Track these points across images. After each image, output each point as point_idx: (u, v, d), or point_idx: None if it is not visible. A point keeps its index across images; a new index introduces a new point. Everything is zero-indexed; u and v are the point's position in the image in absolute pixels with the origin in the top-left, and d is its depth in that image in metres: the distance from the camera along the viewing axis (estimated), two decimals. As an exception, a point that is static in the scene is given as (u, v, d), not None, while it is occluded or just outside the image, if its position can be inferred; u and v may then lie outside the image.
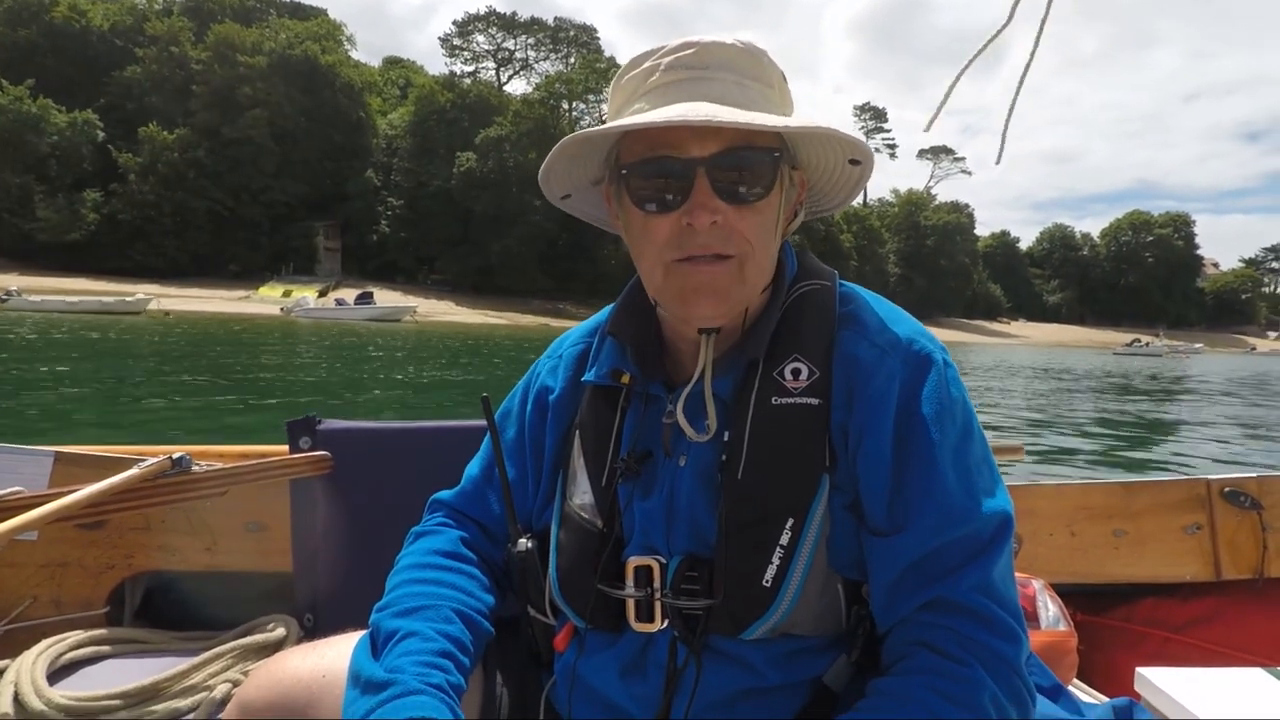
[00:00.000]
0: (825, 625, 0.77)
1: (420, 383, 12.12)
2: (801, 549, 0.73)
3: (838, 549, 0.76)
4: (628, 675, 0.80)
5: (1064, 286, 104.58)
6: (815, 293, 0.81)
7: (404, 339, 25.52)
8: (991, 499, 0.73)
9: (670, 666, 0.77)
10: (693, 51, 0.75)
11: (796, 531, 0.73)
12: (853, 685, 0.76)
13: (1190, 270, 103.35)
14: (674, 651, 0.77)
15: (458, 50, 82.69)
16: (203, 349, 16.74)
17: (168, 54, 57.29)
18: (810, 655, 0.77)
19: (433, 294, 60.91)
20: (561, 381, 0.92)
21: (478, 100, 67.91)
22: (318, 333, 27.08)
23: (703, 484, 0.77)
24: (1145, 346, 66.98)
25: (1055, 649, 1.46)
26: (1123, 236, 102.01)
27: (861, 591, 0.77)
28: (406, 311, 46.21)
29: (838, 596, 0.77)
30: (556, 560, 0.84)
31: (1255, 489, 1.78)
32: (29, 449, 1.47)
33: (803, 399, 0.75)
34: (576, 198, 0.86)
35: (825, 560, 0.75)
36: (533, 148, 64.22)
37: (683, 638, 0.76)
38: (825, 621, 0.77)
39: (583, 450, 0.86)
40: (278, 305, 47.12)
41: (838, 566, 0.76)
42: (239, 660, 1.29)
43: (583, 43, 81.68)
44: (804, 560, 0.73)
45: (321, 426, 1.50)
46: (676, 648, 0.77)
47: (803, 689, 0.76)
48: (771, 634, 0.75)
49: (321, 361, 15.43)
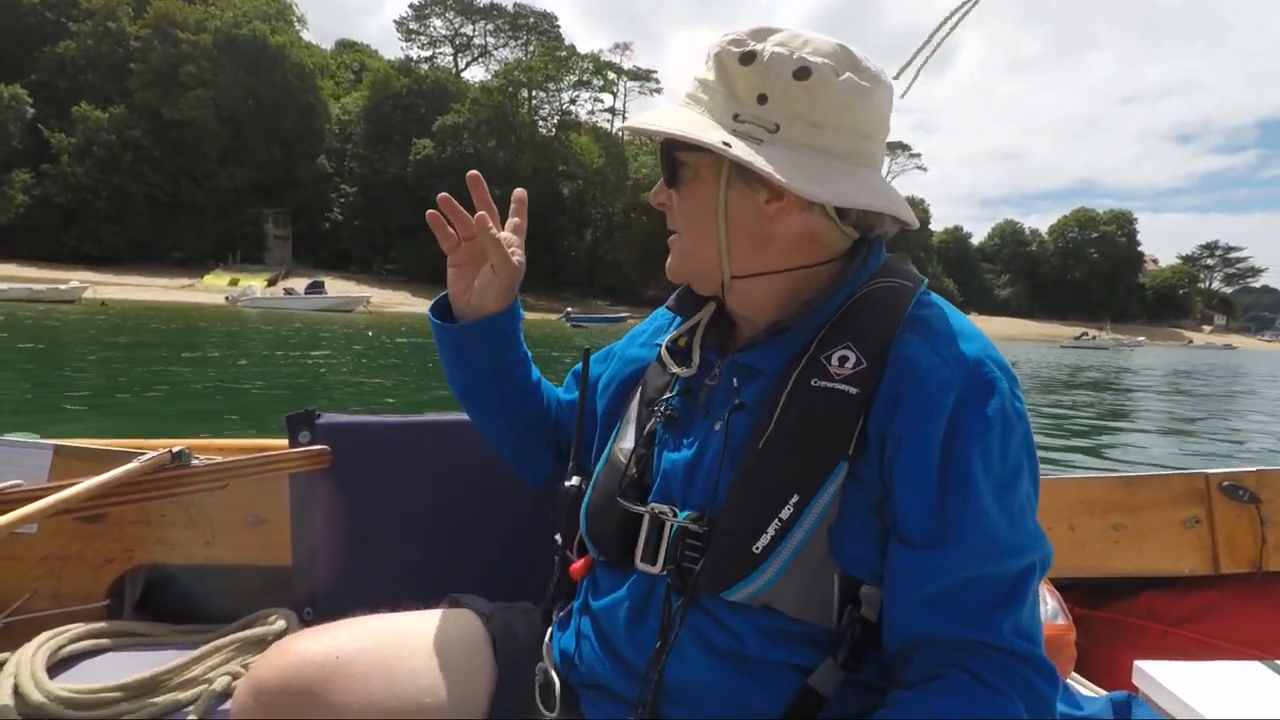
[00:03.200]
0: (812, 612, 0.77)
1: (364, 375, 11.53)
2: (800, 526, 0.74)
3: (845, 542, 0.75)
4: (630, 620, 0.83)
5: (1014, 281, 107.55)
6: (890, 290, 0.81)
7: (353, 328, 24.68)
8: (1035, 538, 0.74)
9: (665, 613, 0.80)
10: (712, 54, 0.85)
11: (799, 509, 0.74)
12: (842, 690, 0.76)
13: (1132, 266, 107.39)
14: (669, 600, 0.80)
15: (414, 35, 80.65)
16: (138, 338, 15.78)
17: (104, 29, 54.60)
18: (795, 640, 0.77)
19: (388, 284, 59.57)
20: (638, 347, 1.02)
21: (435, 86, 66.51)
22: (267, 322, 26.01)
23: (730, 449, 0.80)
24: (1093, 340, 69.23)
25: (1054, 643, 1.42)
26: (1069, 233, 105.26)
27: (859, 592, 0.76)
28: (359, 302, 45.06)
29: (831, 587, 0.76)
30: (591, 494, 0.91)
31: (1254, 483, 1.78)
32: (28, 442, 1.47)
33: (842, 385, 0.76)
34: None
35: (825, 546, 0.75)
36: (492, 136, 63.21)
37: (675, 586, 0.80)
38: (812, 608, 0.76)
39: (640, 403, 0.93)
40: (223, 294, 45.43)
41: (840, 558, 0.76)
42: (239, 653, 1.31)
43: (543, 30, 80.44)
44: (799, 538, 0.74)
45: (321, 420, 1.49)
46: (671, 597, 0.80)
47: (786, 672, 0.77)
48: (753, 602, 0.76)
49: (262, 350, 14.66)
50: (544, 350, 20.17)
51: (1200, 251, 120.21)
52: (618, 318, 48.05)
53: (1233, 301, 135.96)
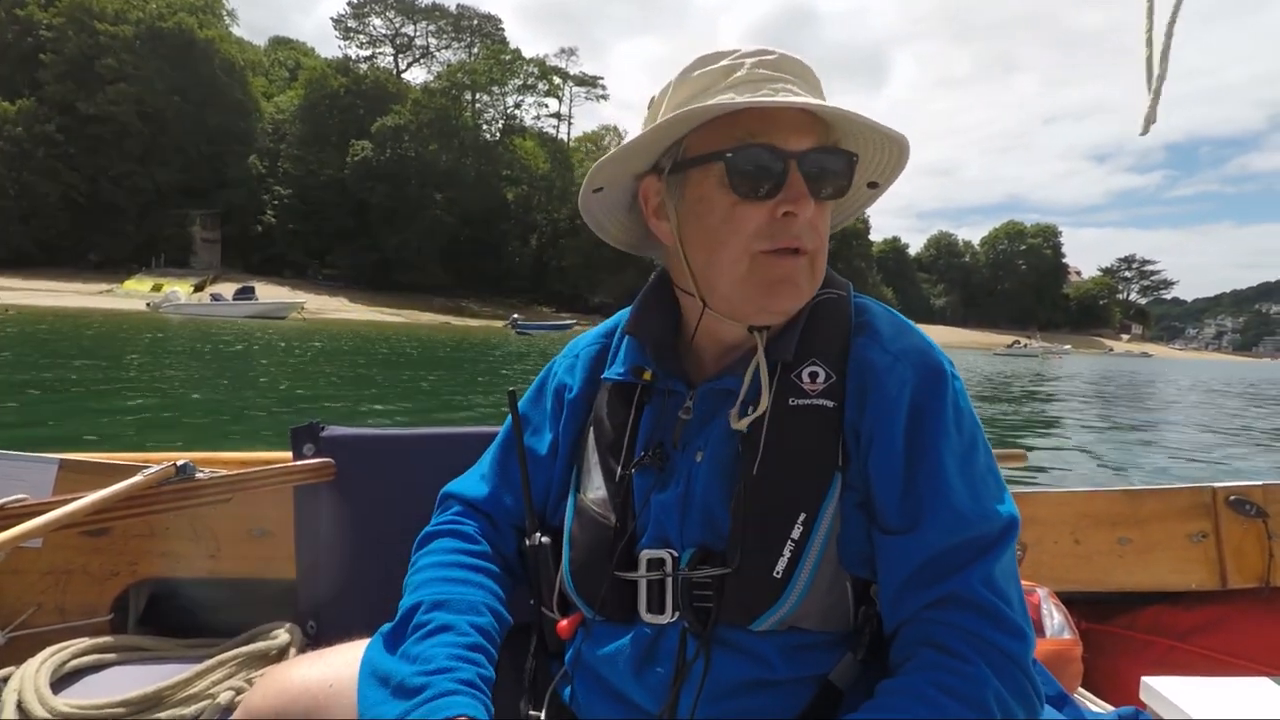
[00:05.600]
0: (833, 621, 0.78)
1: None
2: (813, 544, 0.75)
3: (848, 546, 0.77)
4: (637, 667, 0.80)
5: (949, 290, 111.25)
6: (833, 301, 0.83)
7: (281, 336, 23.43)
8: (999, 504, 0.75)
9: (680, 658, 0.77)
10: (774, 58, 0.78)
11: (808, 527, 0.75)
12: (859, 683, 0.77)
13: (1058, 277, 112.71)
14: (684, 643, 0.78)
15: (352, 33, 78.48)
16: (44, 347, 14.45)
17: (11, 16, 51.19)
18: (818, 651, 0.77)
19: (324, 290, 57.56)
20: (579, 380, 0.94)
21: (374, 87, 64.75)
22: (188, 332, 24.47)
23: (720, 479, 0.79)
24: (1024, 348, 72.05)
25: (1060, 657, 1.45)
26: (1000, 245, 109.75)
27: (870, 591, 0.78)
28: (293, 308, 43.16)
29: (846, 593, 0.78)
30: (570, 553, 0.86)
31: (1260, 497, 1.76)
32: (33, 456, 1.48)
33: (819, 400, 0.78)
34: (608, 194, 0.86)
35: (835, 557, 0.76)
36: (434, 139, 61.91)
37: (693, 629, 0.77)
38: (833, 617, 0.78)
39: (598, 446, 0.87)
40: (144, 300, 42.88)
41: (847, 564, 0.77)
42: (242, 667, 1.30)
43: (486, 33, 79.36)
44: (814, 555, 0.75)
45: (325, 433, 1.51)
46: (687, 639, 0.78)
47: (809, 685, 0.77)
48: (780, 626, 0.76)
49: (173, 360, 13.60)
50: (488, 364, 19.50)
51: (1119, 264, 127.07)
52: (564, 325, 47.44)
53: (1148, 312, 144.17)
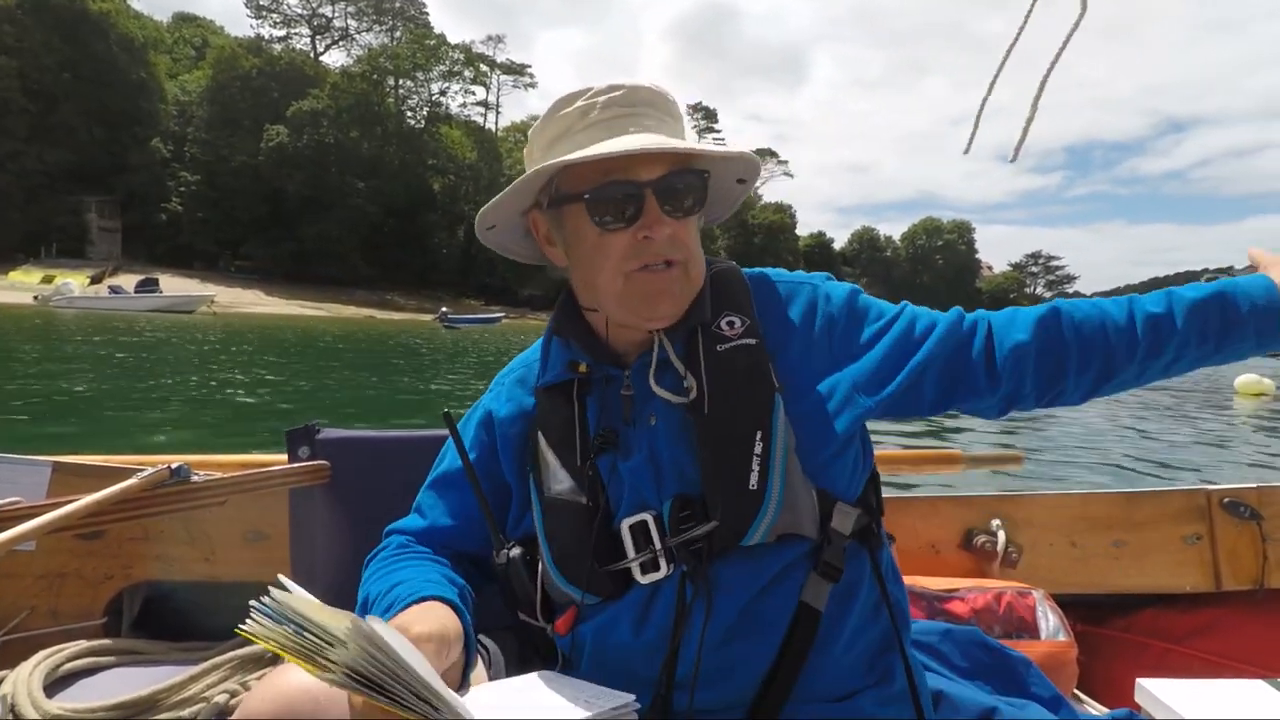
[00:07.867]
0: (806, 525, 0.86)
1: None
2: (775, 453, 0.84)
3: (806, 457, 0.86)
4: (636, 625, 0.85)
5: (872, 284, 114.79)
6: (728, 269, 0.98)
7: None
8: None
9: (679, 604, 0.83)
10: (622, 93, 0.88)
11: (766, 442, 0.84)
12: (834, 604, 0.85)
13: (971, 272, 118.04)
14: (683, 588, 0.83)
15: (265, 11, 74.19)
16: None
17: None
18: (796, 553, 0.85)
19: (237, 282, 54.58)
20: (506, 404, 1.00)
21: (289, 69, 61.70)
22: (81, 327, 22.68)
23: (678, 432, 0.87)
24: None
25: (1055, 659, 1.45)
26: (918, 240, 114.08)
27: (834, 508, 0.87)
28: (202, 301, 40.76)
29: (813, 501, 0.86)
30: (550, 548, 0.90)
31: (1255, 499, 1.79)
32: (27, 459, 1.47)
33: (742, 340, 0.90)
34: (501, 228, 0.95)
35: (799, 468, 0.86)
36: (354, 125, 59.60)
37: (691, 571, 0.83)
38: (804, 521, 0.85)
39: (550, 445, 0.93)
40: (31, 293, 39.64)
41: (810, 474, 0.86)
42: (237, 671, 1.30)
43: (410, 16, 76.52)
44: (779, 464, 0.84)
45: (320, 436, 1.50)
46: (685, 584, 0.83)
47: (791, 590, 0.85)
48: (770, 537, 0.83)
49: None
50: (417, 358, 18.83)
51: (1026, 260, 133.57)
52: (493, 318, 46.56)
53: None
